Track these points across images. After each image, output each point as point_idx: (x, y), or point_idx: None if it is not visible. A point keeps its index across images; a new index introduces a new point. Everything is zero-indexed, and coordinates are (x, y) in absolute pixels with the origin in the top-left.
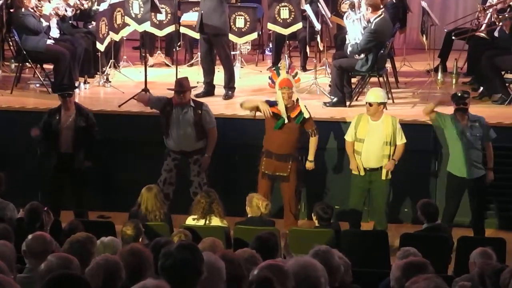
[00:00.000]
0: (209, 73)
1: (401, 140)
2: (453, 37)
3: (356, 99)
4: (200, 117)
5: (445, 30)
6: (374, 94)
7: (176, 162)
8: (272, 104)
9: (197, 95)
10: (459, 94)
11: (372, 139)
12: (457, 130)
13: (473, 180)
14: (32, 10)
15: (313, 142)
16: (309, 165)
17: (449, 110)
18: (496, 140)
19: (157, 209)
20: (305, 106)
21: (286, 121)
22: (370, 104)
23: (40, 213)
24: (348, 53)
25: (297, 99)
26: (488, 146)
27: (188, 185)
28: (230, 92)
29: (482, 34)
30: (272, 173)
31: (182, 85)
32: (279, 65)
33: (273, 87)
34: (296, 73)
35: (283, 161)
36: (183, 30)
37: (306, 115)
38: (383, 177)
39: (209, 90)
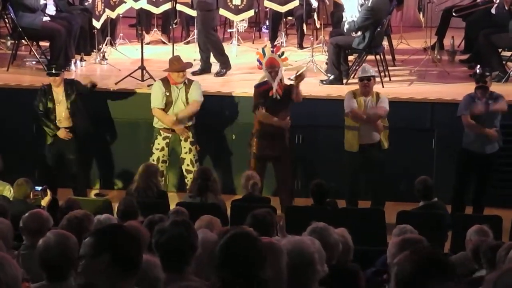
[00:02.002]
0: (205, 50)
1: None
2: (454, 14)
3: (353, 77)
4: (188, 92)
5: (436, 10)
6: (368, 69)
7: (167, 141)
8: (261, 85)
9: (193, 73)
10: (480, 72)
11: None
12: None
13: (485, 156)
14: None
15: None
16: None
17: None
18: None
19: (149, 188)
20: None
21: (278, 97)
22: (369, 79)
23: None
24: (345, 30)
25: (279, 81)
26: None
27: (180, 162)
28: (223, 70)
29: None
30: (263, 153)
31: (181, 63)
32: (263, 46)
33: (261, 69)
34: (283, 53)
35: (274, 141)
36: (179, 7)
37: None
38: (385, 146)
39: (206, 67)
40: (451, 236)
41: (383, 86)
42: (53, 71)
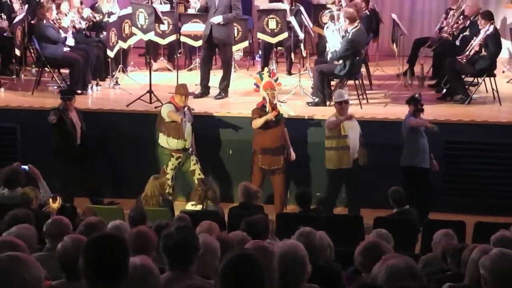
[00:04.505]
0: (206, 77)
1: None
2: (429, 48)
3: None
4: (192, 116)
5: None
6: (344, 93)
7: (179, 160)
8: (259, 103)
9: (194, 96)
10: (416, 97)
11: (354, 134)
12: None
13: (428, 169)
14: (52, 22)
15: (286, 132)
16: (292, 152)
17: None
18: (457, 135)
19: (155, 196)
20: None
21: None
22: (347, 102)
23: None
24: (328, 59)
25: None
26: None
27: (190, 174)
28: (223, 94)
29: (445, 35)
30: (268, 167)
31: (186, 90)
32: (261, 71)
33: (258, 91)
34: (277, 78)
35: (277, 155)
36: (183, 39)
37: (286, 115)
38: (364, 163)
39: (205, 91)
40: (421, 238)
41: (361, 108)
42: (68, 95)
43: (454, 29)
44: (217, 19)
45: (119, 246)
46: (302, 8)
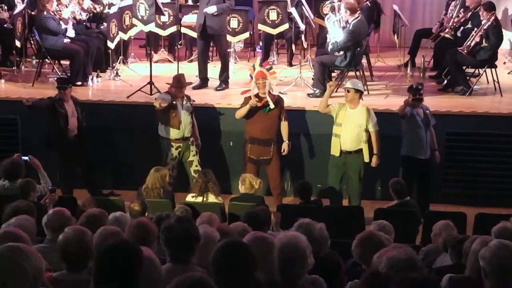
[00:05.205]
0: (204, 68)
1: (373, 127)
2: (430, 40)
3: (336, 91)
4: (192, 107)
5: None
6: (352, 82)
7: (179, 150)
8: (245, 91)
9: (193, 87)
10: (415, 87)
11: (350, 125)
12: (413, 116)
13: (427, 160)
14: (52, 14)
15: (284, 126)
16: (285, 145)
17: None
18: (458, 127)
19: (156, 188)
20: (274, 96)
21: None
22: (348, 91)
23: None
24: (329, 50)
25: (268, 92)
26: (431, 131)
27: (188, 165)
28: (223, 85)
29: (447, 35)
30: (256, 157)
31: (180, 81)
32: (254, 63)
33: (251, 81)
34: (270, 67)
35: (266, 146)
36: (184, 30)
37: (272, 106)
38: (366, 160)
39: (204, 83)
40: (422, 230)
41: (362, 99)
42: (63, 85)
43: (455, 23)
44: (211, 9)
45: (133, 256)
46: None
